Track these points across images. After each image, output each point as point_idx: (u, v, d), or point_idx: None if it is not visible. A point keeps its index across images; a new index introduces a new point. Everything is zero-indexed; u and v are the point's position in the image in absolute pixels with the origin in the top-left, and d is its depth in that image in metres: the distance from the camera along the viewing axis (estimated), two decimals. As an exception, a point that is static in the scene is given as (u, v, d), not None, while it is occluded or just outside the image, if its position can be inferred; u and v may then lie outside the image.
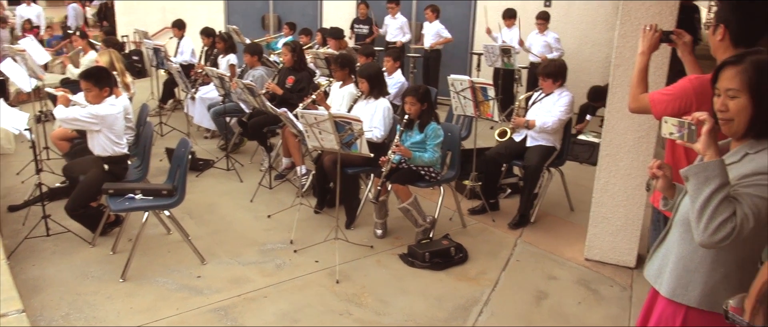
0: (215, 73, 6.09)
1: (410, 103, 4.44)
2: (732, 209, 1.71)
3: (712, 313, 1.91)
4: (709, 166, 1.74)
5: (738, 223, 1.70)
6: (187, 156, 4.12)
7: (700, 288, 1.92)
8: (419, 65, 9.66)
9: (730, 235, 1.70)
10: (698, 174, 1.75)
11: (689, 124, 1.81)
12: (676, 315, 1.99)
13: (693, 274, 1.94)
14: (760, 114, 1.79)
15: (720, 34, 2.49)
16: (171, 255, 4.29)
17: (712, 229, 1.71)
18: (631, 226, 4.16)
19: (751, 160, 1.80)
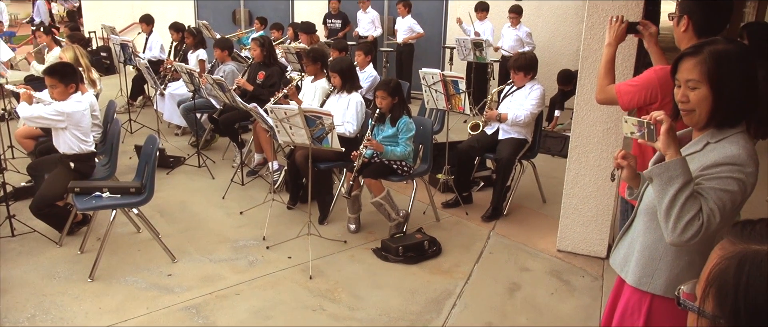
0: (184, 68, 5.99)
1: (381, 97, 4.42)
2: (698, 206, 1.74)
3: (665, 299, 1.94)
4: (671, 166, 1.76)
5: (705, 220, 1.73)
6: (155, 152, 4.04)
7: (665, 276, 1.95)
8: (392, 60, 9.65)
9: (699, 233, 1.73)
10: (661, 175, 1.77)
11: (648, 124, 1.84)
12: (642, 303, 2.01)
13: (658, 263, 1.96)
14: (720, 104, 1.81)
15: (684, 25, 2.52)
16: (141, 254, 4.22)
17: (680, 229, 1.74)
18: (602, 217, 4.21)
19: (713, 150, 1.83)
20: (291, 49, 6.91)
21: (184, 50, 7.73)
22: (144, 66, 6.61)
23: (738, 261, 0.79)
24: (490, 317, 3.53)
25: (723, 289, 0.80)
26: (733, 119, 1.83)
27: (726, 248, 0.83)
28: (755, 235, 0.81)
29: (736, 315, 0.77)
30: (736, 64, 1.79)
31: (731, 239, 0.83)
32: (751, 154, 1.79)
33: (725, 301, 0.79)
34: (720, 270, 0.81)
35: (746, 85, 1.80)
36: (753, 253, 0.78)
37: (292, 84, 5.33)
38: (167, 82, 7.27)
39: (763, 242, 0.79)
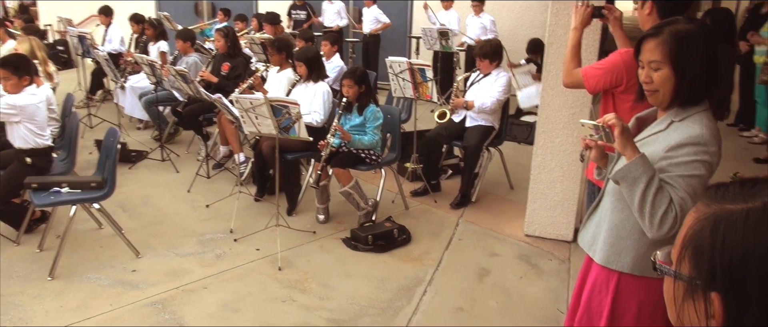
0: (145, 60, 5.85)
1: (348, 86, 4.39)
2: (668, 198, 1.77)
3: (643, 278, 1.97)
4: (632, 166, 1.79)
5: (678, 210, 1.76)
6: (116, 145, 3.93)
7: (632, 254, 1.97)
8: (358, 50, 9.60)
9: (677, 222, 1.76)
10: (625, 177, 1.81)
11: (603, 128, 1.86)
12: (610, 280, 2.04)
13: (625, 242, 1.98)
14: (683, 83, 1.83)
15: (647, 8, 2.56)
16: (103, 250, 4.11)
17: (657, 223, 1.78)
18: (568, 201, 4.26)
19: (677, 129, 1.85)
20: (256, 39, 6.81)
21: (144, 42, 7.54)
22: (103, 58, 6.43)
23: (713, 222, 0.79)
24: (460, 302, 3.54)
25: (699, 251, 0.80)
26: (696, 97, 1.85)
27: (700, 210, 0.83)
28: (729, 195, 0.81)
29: (712, 275, 0.77)
30: (697, 43, 1.81)
31: (705, 201, 0.83)
32: (713, 133, 1.81)
33: (701, 262, 0.79)
34: (695, 232, 0.81)
35: (707, 63, 1.83)
36: (727, 213, 0.78)
37: (257, 74, 5.24)
38: (128, 75, 7.10)
39: (737, 202, 0.79)
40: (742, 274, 0.74)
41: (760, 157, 6.18)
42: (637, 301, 2.01)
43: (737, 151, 6.42)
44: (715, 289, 0.77)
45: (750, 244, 0.74)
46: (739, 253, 0.75)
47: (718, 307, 0.77)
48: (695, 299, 0.81)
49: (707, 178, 1.80)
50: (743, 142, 6.86)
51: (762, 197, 0.78)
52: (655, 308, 2.01)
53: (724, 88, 2.80)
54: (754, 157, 6.19)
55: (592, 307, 2.13)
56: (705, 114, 1.85)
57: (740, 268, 0.74)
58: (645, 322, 2.02)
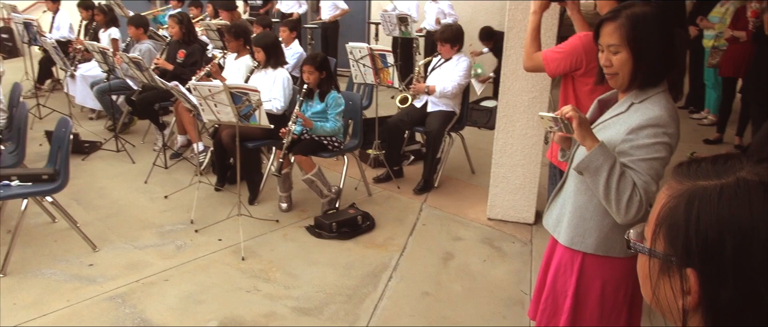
0: (97, 47, 5.65)
1: (308, 72, 4.33)
2: (631, 183, 1.81)
3: (606, 257, 2.02)
4: (593, 156, 1.83)
5: (642, 194, 1.81)
6: (68, 136, 3.79)
7: (595, 235, 2.01)
8: (317, 37, 9.49)
9: (643, 205, 1.81)
10: (588, 167, 1.84)
11: (561, 119, 1.90)
12: (574, 261, 2.08)
13: (588, 223, 2.02)
14: (640, 66, 1.87)
15: None
16: (58, 244, 3.98)
17: (624, 209, 1.82)
18: (529, 184, 4.32)
19: (637, 110, 1.88)
20: (212, 25, 6.65)
21: (94, 29, 7.27)
22: (52, 46, 6.19)
23: (687, 198, 0.79)
24: (426, 287, 3.56)
25: (674, 227, 0.80)
26: (654, 79, 1.89)
27: (673, 187, 0.83)
28: (701, 172, 0.82)
29: (688, 251, 0.78)
30: (653, 26, 1.85)
31: (678, 179, 0.84)
32: (672, 114, 1.85)
33: (677, 239, 0.79)
34: (669, 209, 0.81)
35: (664, 45, 1.86)
36: (701, 189, 0.79)
37: (215, 61, 5.13)
38: (78, 63, 6.85)
39: (710, 178, 0.79)
40: (718, 250, 0.75)
41: (710, 138, 6.39)
42: (601, 280, 2.06)
43: (688, 132, 6.62)
44: (690, 265, 0.78)
45: (725, 219, 0.75)
46: (715, 228, 0.75)
47: (693, 283, 0.78)
48: (671, 276, 0.81)
49: (668, 160, 1.84)
50: (693, 124, 7.08)
51: (734, 173, 0.79)
52: (618, 286, 2.06)
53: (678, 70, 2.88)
54: (704, 138, 6.39)
55: (557, 287, 2.17)
56: (663, 95, 1.89)
57: (716, 243, 0.75)
58: (609, 300, 2.07)
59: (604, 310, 2.07)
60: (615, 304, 2.08)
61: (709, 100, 7.13)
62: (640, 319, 2.19)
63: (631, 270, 2.05)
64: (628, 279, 2.06)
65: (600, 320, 2.09)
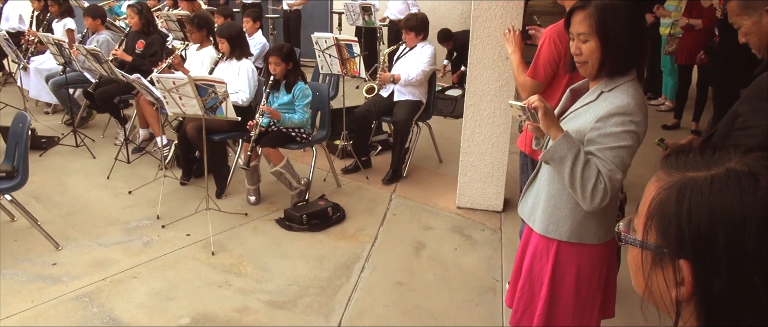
0: (52, 39, 5.45)
1: (275, 63, 4.27)
2: (596, 171, 1.85)
3: (580, 245, 2.06)
4: (557, 146, 1.87)
5: (606, 181, 1.84)
6: (27, 131, 3.66)
7: (569, 223, 2.05)
8: (279, 26, 9.38)
9: (607, 193, 1.85)
10: (553, 157, 1.88)
11: (528, 109, 1.93)
12: (549, 248, 2.12)
13: (562, 211, 2.06)
14: (608, 54, 1.90)
15: None
16: (18, 244, 3.84)
17: (589, 196, 1.86)
18: (497, 172, 4.37)
19: (606, 99, 1.92)
20: (172, 16, 6.49)
21: (48, 20, 7.02)
22: (2, 38, 5.94)
23: (678, 190, 0.80)
24: (399, 277, 3.57)
25: (665, 219, 0.81)
26: (622, 68, 1.92)
27: (662, 179, 0.84)
28: (690, 163, 0.82)
29: (680, 242, 0.78)
30: (622, 15, 1.88)
31: (666, 170, 0.84)
32: (639, 102, 1.89)
33: (668, 231, 0.80)
34: (660, 201, 0.82)
35: (632, 34, 1.90)
36: (691, 181, 0.80)
37: (177, 53, 5.01)
38: (31, 56, 6.60)
39: (700, 169, 0.80)
40: (711, 240, 0.76)
41: (668, 123, 6.58)
42: (576, 267, 2.10)
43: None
44: (683, 256, 0.79)
45: (717, 210, 0.76)
46: (707, 219, 0.76)
47: (687, 274, 0.78)
48: (663, 267, 0.82)
49: (635, 148, 1.88)
50: (652, 110, 7.27)
51: (724, 163, 0.80)
52: (592, 272, 2.11)
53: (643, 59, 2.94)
54: (663, 125, 6.58)
55: (533, 274, 2.21)
56: (632, 84, 1.92)
57: (708, 234, 0.76)
58: (583, 287, 2.12)
59: (580, 296, 2.12)
60: (589, 289, 2.12)
61: (666, 86, 7.33)
62: (614, 302, 2.25)
63: (604, 256, 2.11)
64: (601, 265, 2.11)
65: (575, 306, 2.13)
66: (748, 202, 0.75)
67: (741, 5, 1.98)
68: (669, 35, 6.64)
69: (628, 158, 1.88)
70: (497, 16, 4.02)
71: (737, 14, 2.01)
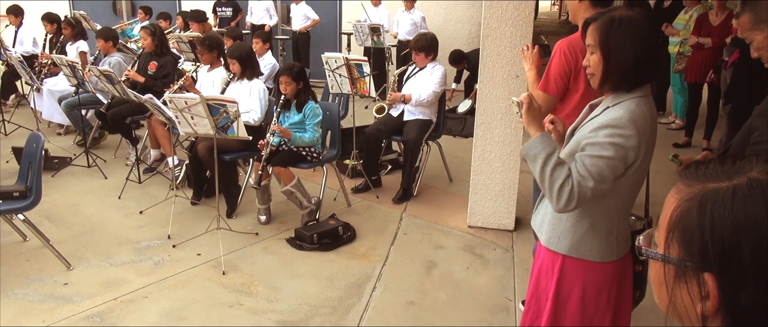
0: (66, 61, 5.52)
1: (285, 83, 4.30)
2: (566, 173, 1.84)
3: (585, 261, 2.01)
4: (532, 144, 1.90)
5: (575, 184, 1.82)
6: (40, 151, 3.69)
7: (570, 238, 2.02)
8: (288, 48, 9.46)
9: (572, 197, 1.82)
10: (528, 154, 1.90)
11: (520, 104, 1.97)
12: (555, 262, 2.08)
13: (564, 225, 2.03)
14: (609, 68, 1.88)
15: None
16: (30, 263, 3.85)
17: (555, 196, 1.84)
18: (508, 191, 4.35)
19: (607, 113, 1.90)
20: (183, 38, 6.57)
21: (61, 43, 7.11)
22: (17, 60, 6.03)
23: (699, 201, 0.78)
24: (410, 296, 3.55)
25: (687, 232, 0.79)
26: (625, 83, 1.87)
27: (682, 191, 0.82)
28: (710, 173, 0.81)
29: (704, 255, 0.77)
30: (627, 29, 1.84)
31: (686, 182, 0.83)
32: (634, 118, 1.82)
33: (692, 243, 0.78)
34: (681, 213, 0.80)
35: (637, 49, 1.84)
36: (713, 192, 0.78)
37: (188, 74, 5.05)
38: (44, 78, 6.68)
39: (721, 180, 0.79)
40: (736, 252, 0.74)
41: (679, 141, 6.55)
42: (581, 284, 2.05)
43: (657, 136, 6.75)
44: (708, 269, 0.77)
45: (741, 221, 0.74)
46: (731, 230, 0.75)
47: (712, 287, 0.77)
48: (687, 281, 0.80)
49: (617, 161, 1.82)
50: (662, 129, 7.23)
51: (745, 173, 0.78)
52: (600, 290, 2.06)
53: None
54: (674, 142, 6.54)
55: (540, 288, 2.18)
56: (636, 100, 1.87)
57: (733, 245, 0.74)
58: (590, 305, 2.06)
59: (586, 314, 2.07)
60: (597, 308, 2.07)
61: (677, 104, 7.31)
62: (628, 322, 2.20)
63: (614, 275, 2.04)
64: (611, 284, 2.06)
65: (581, 324, 2.09)
66: None
67: (752, 20, 1.98)
68: (678, 54, 6.63)
69: (607, 170, 1.83)
70: (507, 35, 4.04)
71: (748, 29, 2.00)
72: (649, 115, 1.88)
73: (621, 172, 1.86)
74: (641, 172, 1.93)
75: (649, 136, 1.88)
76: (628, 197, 1.98)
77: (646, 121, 1.86)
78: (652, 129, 1.90)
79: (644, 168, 1.94)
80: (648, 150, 1.90)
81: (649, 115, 1.88)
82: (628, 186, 1.93)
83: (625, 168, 1.86)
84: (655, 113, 1.93)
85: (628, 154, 1.83)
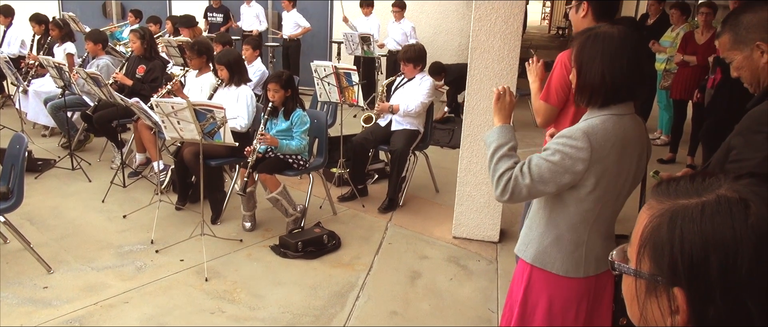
0: (52, 62, 5.48)
1: (274, 90, 4.30)
2: (509, 165, 1.90)
3: (551, 274, 2.01)
4: (490, 133, 2.02)
5: (512, 177, 1.87)
6: (23, 153, 3.66)
7: (535, 247, 2.03)
8: (278, 55, 9.46)
9: (508, 189, 1.87)
10: (485, 140, 2.02)
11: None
12: (524, 270, 2.09)
13: (533, 233, 2.05)
14: (579, 83, 1.92)
15: (583, 10, 2.68)
16: (9, 266, 3.81)
17: (494, 184, 1.93)
18: (494, 203, 4.36)
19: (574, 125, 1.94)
20: (172, 42, 6.55)
21: (49, 44, 7.07)
22: (3, 61, 5.98)
23: (669, 217, 0.80)
24: (393, 306, 3.54)
25: (658, 247, 0.81)
26: (595, 100, 1.88)
27: (654, 207, 0.84)
28: (681, 190, 0.82)
29: (674, 270, 0.78)
30: (599, 47, 1.85)
31: (657, 198, 0.85)
32: (590, 132, 1.82)
33: (662, 259, 0.80)
34: (652, 228, 0.82)
35: (605, 67, 1.84)
36: (682, 208, 0.80)
37: (176, 79, 5.03)
38: (31, 79, 6.63)
39: (691, 196, 0.80)
40: (704, 267, 0.76)
41: (664, 157, 6.61)
42: (547, 297, 2.04)
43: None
44: (677, 284, 0.78)
45: (709, 237, 0.76)
46: (699, 246, 0.76)
47: (681, 302, 0.78)
48: (658, 296, 0.82)
49: (560, 168, 1.83)
50: (647, 144, 7.30)
51: (714, 190, 0.80)
52: (567, 306, 2.04)
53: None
54: (659, 158, 6.61)
55: (512, 296, 2.18)
56: (606, 118, 1.86)
57: (701, 261, 0.76)
58: (557, 319, 2.05)
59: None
60: (564, 323, 2.05)
61: (662, 121, 7.38)
62: None
63: (584, 293, 2.03)
64: (578, 301, 2.03)
65: None
66: (740, 229, 0.75)
67: (732, 40, 2.00)
68: (664, 70, 6.71)
69: (548, 174, 1.84)
70: (495, 48, 4.07)
71: (728, 49, 2.03)
72: (615, 134, 1.85)
73: (566, 180, 1.84)
74: (610, 191, 1.90)
75: (619, 155, 1.85)
76: (597, 215, 1.94)
77: (607, 138, 1.83)
78: (624, 148, 1.87)
79: (615, 188, 1.91)
80: (614, 169, 1.86)
81: (618, 134, 1.85)
82: (592, 201, 1.90)
83: (576, 179, 1.84)
84: (632, 134, 1.89)
85: (576, 164, 1.82)
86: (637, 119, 1.94)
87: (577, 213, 1.94)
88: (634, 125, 1.91)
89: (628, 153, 1.89)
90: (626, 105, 1.90)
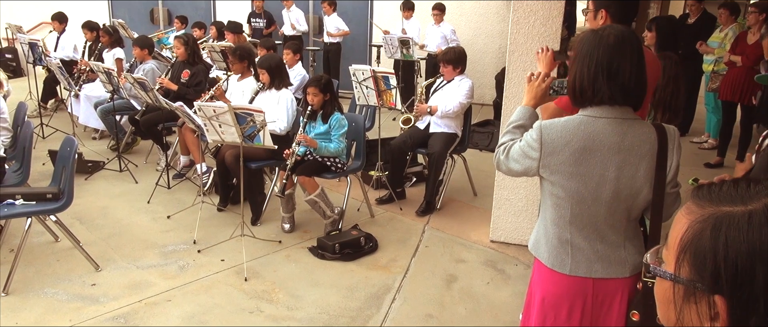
0: (102, 68, 5.69)
1: (313, 94, 4.36)
2: (505, 140, 2.05)
3: (539, 261, 2.06)
4: (516, 110, 2.13)
5: (503, 150, 2.03)
6: (73, 155, 3.80)
7: (534, 235, 2.12)
8: (319, 59, 9.57)
9: (496, 156, 2.07)
10: (509, 116, 2.17)
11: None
12: (533, 263, 2.16)
13: (536, 223, 2.13)
14: (570, 81, 1.94)
15: (601, 17, 2.64)
16: (60, 264, 3.97)
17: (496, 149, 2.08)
18: (532, 207, 4.32)
19: None
20: (216, 47, 6.71)
21: (99, 50, 7.34)
22: (56, 66, 6.23)
23: (713, 224, 0.78)
24: (429, 309, 3.55)
25: (700, 254, 0.79)
26: (575, 99, 1.92)
27: (694, 212, 0.81)
28: (724, 196, 0.80)
29: (716, 278, 0.77)
30: (588, 47, 1.87)
31: (697, 203, 0.82)
32: (545, 126, 1.89)
33: (704, 266, 0.78)
34: (694, 234, 0.80)
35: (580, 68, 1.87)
36: (727, 215, 0.78)
37: (219, 84, 5.15)
38: (82, 83, 6.89)
39: (736, 204, 0.78)
40: (749, 277, 0.74)
41: (711, 161, 6.42)
42: (541, 291, 2.04)
43: (689, 156, 6.64)
44: (719, 292, 0.77)
45: (756, 247, 0.74)
46: (745, 256, 0.74)
47: (722, 310, 0.77)
48: (697, 302, 0.80)
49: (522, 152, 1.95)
50: (694, 148, 7.11)
51: (761, 198, 0.78)
52: (558, 303, 2.00)
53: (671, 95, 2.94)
54: (705, 163, 6.42)
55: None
56: (573, 117, 1.90)
57: (747, 271, 0.74)
58: (549, 315, 2.03)
59: (546, 323, 2.04)
60: (556, 321, 2.01)
61: (709, 124, 7.17)
62: None
63: (575, 292, 1.98)
64: (571, 300, 1.98)
65: None
66: None
67: None
68: (712, 72, 6.51)
69: (516, 153, 1.97)
70: (533, 50, 4.02)
71: None
72: (576, 134, 1.85)
73: (527, 164, 1.94)
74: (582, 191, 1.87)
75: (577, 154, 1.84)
76: (575, 215, 1.91)
77: (563, 136, 1.86)
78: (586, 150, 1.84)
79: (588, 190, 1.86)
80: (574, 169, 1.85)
81: (581, 135, 1.84)
82: (564, 198, 1.89)
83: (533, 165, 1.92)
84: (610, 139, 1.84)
85: (530, 152, 1.91)
86: (629, 124, 1.86)
87: (553, 207, 1.97)
88: (615, 129, 1.84)
89: (598, 156, 1.84)
90: (606, 108, 1.85)
